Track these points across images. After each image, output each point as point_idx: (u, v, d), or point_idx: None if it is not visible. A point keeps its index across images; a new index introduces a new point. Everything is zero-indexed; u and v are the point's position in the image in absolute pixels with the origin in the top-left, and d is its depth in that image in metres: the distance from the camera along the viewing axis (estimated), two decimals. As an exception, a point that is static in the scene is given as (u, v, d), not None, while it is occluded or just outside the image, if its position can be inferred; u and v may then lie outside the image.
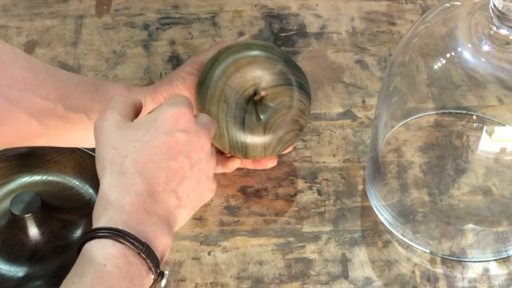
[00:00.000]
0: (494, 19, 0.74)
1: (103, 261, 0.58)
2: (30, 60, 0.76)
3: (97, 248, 0.59)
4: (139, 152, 0.63)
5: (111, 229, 0.59)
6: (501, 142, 0.82)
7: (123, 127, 0.65)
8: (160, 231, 0.62)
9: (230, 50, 0.82)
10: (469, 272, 0.82)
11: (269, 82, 0.81)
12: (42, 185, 0.86)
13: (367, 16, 1.08)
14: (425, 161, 0.90)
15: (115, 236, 0.59)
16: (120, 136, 0.64)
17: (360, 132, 0.94)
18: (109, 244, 0.59)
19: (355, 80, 1.00)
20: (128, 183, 0.62)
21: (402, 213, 0.85)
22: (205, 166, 0.67)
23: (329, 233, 0.85)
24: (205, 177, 0.68)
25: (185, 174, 0.65)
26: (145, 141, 0.64)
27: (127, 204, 0.61)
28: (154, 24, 1.06)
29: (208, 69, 0.81)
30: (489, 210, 0.86)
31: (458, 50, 0.78)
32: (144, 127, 0.65)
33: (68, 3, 1.09)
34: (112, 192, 0.62)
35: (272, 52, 0.82)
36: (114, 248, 0.59)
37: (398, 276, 0.81)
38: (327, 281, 0.81)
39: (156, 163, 0.63)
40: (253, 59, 0.81)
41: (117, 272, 0.59)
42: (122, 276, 0.59)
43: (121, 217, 0.61)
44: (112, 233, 0.59)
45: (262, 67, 0.81)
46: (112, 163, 0.63)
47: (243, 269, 0.81)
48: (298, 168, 0.90)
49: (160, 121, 0.65)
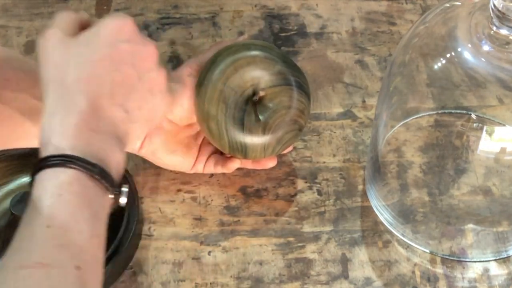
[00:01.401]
0: (494, 19, 0.74)
1: (58, 191, 0.56)
2: (23, 60, 0.75)
3: (49, 178, 0.57)
4: (80, 68, 0.61)
5: (59, 156, 0.57)
6: (501, 142, 0.82)
7: (65, 44, 0.62)
8: (110, 148, 0.60)
9: (228, 51, 0.82)
10: (469, 272, 0.82)
11: (268, 82, 0.81)
12: (42, 185, 0.86)
13: (367, 16, 1.08)
14: (425, 161, 0.90)
15: (64, 162, 0.57)
16: (62, 54, 0.62)
17: (360, 132, 0.94)
18: (60, 172, 0.57)
19: (355, 80, 1.00)
20: (70, 103, 0.59)
21: (402, 213, 0.85)
22: (156, 77, 0.65)
23: (329, 233, 0.85)
24: (158, 89, 0.65)
25: (133, 86, 0.63)
26: (87, 55, 0.62)
27: (71, 127, 0.58)
28: (154, 24, 1.06)
29: (207, 69, 0.81)
30: (489, 210, 0.86)
31: (458, 50, 0.78)
32: (85, 42, 0.62)
33: (68, 3, 1.09)
34: (56, 116, 0.60)
35: (271, 52, 0.82)
36: (66, 175, 0.57)
37: (398, 276, 0.81)
38: (327, 281, 0.81)
39: (99, 78, 0.61)
40: (252, 60, 0.81)
41: (75, 198, 0.57)
42: (80, 202, 0.57)
43: (67, 142, 0.58)
44: (61, 159, 0.57)
45: (261, 67, 0.81)
46: (54, 82, 0.61)
47: (243, 269, 0.81)
48: (298, 168, 0.90)
49: (102, 34, 0.62)
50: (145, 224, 0.85)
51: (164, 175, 0.89)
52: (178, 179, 0.89)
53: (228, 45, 0.83)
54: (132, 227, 0.80)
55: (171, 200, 0.87)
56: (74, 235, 0.56)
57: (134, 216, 0.81)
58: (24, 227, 0.56)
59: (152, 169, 0.89)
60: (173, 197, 0.87)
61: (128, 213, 0.81)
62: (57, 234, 0.55)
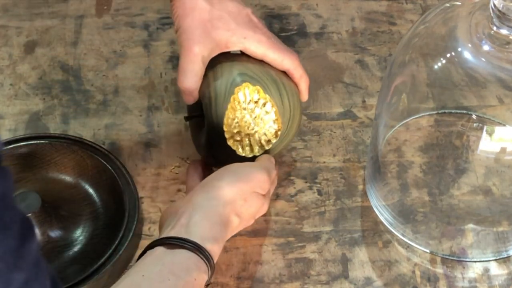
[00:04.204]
0: (494, 19, 0.74)
1: (195, 275, 0.67)
2: None
3: (192, 261, 0.68)
4: None
5: (206, 252, 0.69)
6: (501, 142, 0.82)
7: None
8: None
9: None
10: (469, 272, 0.82)
11: None
12: (42, 185, 0.86)
13: (367, 16, 1.08)
14: (425, 161, 0.90)
15: (207, 259, 0.69)
16: None
17: (360, 132, 0.94)
18: (202, 263, 0.68)
19: (355, 80, 1.00)
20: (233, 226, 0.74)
21: (402, 213, 0.85)
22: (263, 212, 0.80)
23: (329, 233, 0.85)
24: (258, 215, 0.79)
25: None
26: None
27: (225, 238, 0.73)
28: (154, 24, 1.06)
29: None
30: (489, 210, 0.86)
31: (458, 50, 0.78)
32: None
33: (68, 3, 1.09)
34: (230, 222, 0.73)
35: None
36: (204, 267, 0.68)
37: (398, 276, 0.81)
38: (327, 281, 0.81)
39: None
40: None
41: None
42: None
43: (218, 246, 0.71)
44: (206, 255, 0.69)
45: None
46: None
47: (243, 269, 0.81)
48: (298, 168, 0.90)
49: None
50: (145, 224, 0.85)
51: (164, 175, 0.89)
52: (178, 179, 0.89)
53: None
54: (132, 227, 0.80)
55: (171, 200, 0.87)
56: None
57: (134, 216, 0.81)
58: None
59: (152, 169, 0.89)
60: (173, 197, 0.87)
61: (128, 213, 0.81)
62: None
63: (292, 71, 0.83)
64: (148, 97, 0.97)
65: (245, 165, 0.77)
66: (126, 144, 0.92)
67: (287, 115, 0.81)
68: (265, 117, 0.80)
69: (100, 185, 0.86)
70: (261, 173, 0.76)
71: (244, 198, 0.74)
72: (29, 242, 0.49)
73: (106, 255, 0.78)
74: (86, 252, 0.81)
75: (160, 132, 0.94)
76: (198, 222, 0.71)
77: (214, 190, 0.73)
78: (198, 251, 0.68)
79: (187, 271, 0.67)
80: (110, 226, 0.82)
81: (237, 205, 0.73)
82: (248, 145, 0.80)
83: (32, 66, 1.01)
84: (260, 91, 0.79)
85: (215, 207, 0.72)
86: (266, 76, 0.80)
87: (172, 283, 0.66)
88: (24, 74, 1.00)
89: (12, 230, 0.48)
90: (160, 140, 0.93)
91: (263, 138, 0.81)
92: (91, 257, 0.80)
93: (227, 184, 0.74)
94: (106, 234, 0.82)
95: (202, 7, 0.80)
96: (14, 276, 0.48)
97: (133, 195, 0.83)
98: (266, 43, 0.82)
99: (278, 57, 0.82)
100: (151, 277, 0.66)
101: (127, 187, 0.84)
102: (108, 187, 0.85)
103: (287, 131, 0.81)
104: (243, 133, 0.80)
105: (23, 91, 0.98)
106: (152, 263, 0.68)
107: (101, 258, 0.78)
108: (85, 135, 0.92)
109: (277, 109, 0.80)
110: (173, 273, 0.66)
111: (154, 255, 0.68)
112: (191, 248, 0.68)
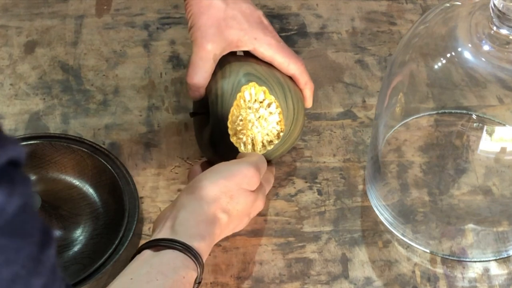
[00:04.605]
0: (494, 19, 0.74)
1: (183, 273, 0.68)
2: None
3: (179, 260, 0.69)
4: None
5: (193, 250, 0.70)
6: (501, 142, 0.82)
7: None
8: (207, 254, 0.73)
9: None
10: (469, 272, 0.82)
11: None
12: (42, 185, 0.86)
13: (367, 16, 1.08)
14: (425, 161, 0.90)
15: (194, 257, 0.69)
16: None
17: (360, 132, 0.94)
18: (190, 261, 0.69)
19: (355, 80, 1.00)
20: (223, 223, 0.74)
21: (402, 213, 0.85)
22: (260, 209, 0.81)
23: (329, 233, 0.85)
24: (254, 214, 0.80)
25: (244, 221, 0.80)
26: None
27: (214, 236, 0.73)
28: (154, 24, 1.06)
29: None
30: (489, 210, 0.86)
31: (458, 50, 0.78)
32: None
33: (68, 3, 1.09)
34: (218, 219, 0.74)
35: None
36: (192, 265, 0.69)
37: (398, 276, 0.81)
38: (327, 281, 0.81)
39: None
40: None
41: (188, 286, 0.69)
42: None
43: (205, 243, 0.71)
44: (193, 253, 0.69)
45: None
46: None
47: (243, 269, 0.81)
48: (298, 168, 0.90)
49: None
50: (145, 224, 0.85)
51: (164, 175, 0.89)
52: (178, 179, 0.89)
53: None
54: (132, 227, 0.80)
55: (171, 200, 0.86)
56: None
57: (134, 216, 0.81)
58: None
59: (152, 169, 0.89)
60: (173, 197, 0.87)
61: (128, 213, 0.81)
62: None
63: (298, 77, 0.84)
64: (148, 97, 0.97)
65: (230, 163, 0.78)
66: (126, 144, 0.92)
67: (291, 118, 0.82)
68: (269, 117, 0.81)
69: (100, 185, 0.86)
70: (247, 168, 0.76)
71: (230, 195, 0.74)
72: (48, 248, 0.50)
73: (106, 255, 0.78)
74: (86, 252, 0.81)
75: (160, 132, 0.94)
76: (183, 222, 0.72)
77: (197, 191, 0.74)
78: (185, 249, 0.69)
79: (174, 270, 0.68)
80: (110, 226, 0.82)
81: (222, 202, 0.74)
82: (250, 144, 0.81)
83: (32, 66, 1.01)
84: (266, 92, 0.81)
85: (199, 206, 0.73)
86: (272, 78, 0.82)
87: (160, 282, 0.66)
88: (24, 74, 1.00)
89: (33, 238, 0.49)
90: (160, 140, 0.93)
91: (265, 139, 0.81)
92: (91, 257, 0.80)
93: (210, 183, 0.74)
94: (106, 234, 0.82)
95: (218, 5, 0.82)
96: (33, 281, 0.49)
97: (133, 195, 0.83)
98: (275, 46, 0.83)
99: (285, 61, 0.84)
100: (139, 279, 0.67)
101: (127, 187, 0.84)
102: (108, 187, 0.85)
103: (289, 133, 0.82)
104: (246, 131, 0.80)
105: (23, 91, 0.98)
106: (140, 266, 0.68)
107: (101, 258, 0.77)
108: (85, 135, 0.92)
109: (281, 111, 0.81)
110: (161, 273, 0.67)
111: (141, 258, 0.69)
112: (177, 247, 0.69)
